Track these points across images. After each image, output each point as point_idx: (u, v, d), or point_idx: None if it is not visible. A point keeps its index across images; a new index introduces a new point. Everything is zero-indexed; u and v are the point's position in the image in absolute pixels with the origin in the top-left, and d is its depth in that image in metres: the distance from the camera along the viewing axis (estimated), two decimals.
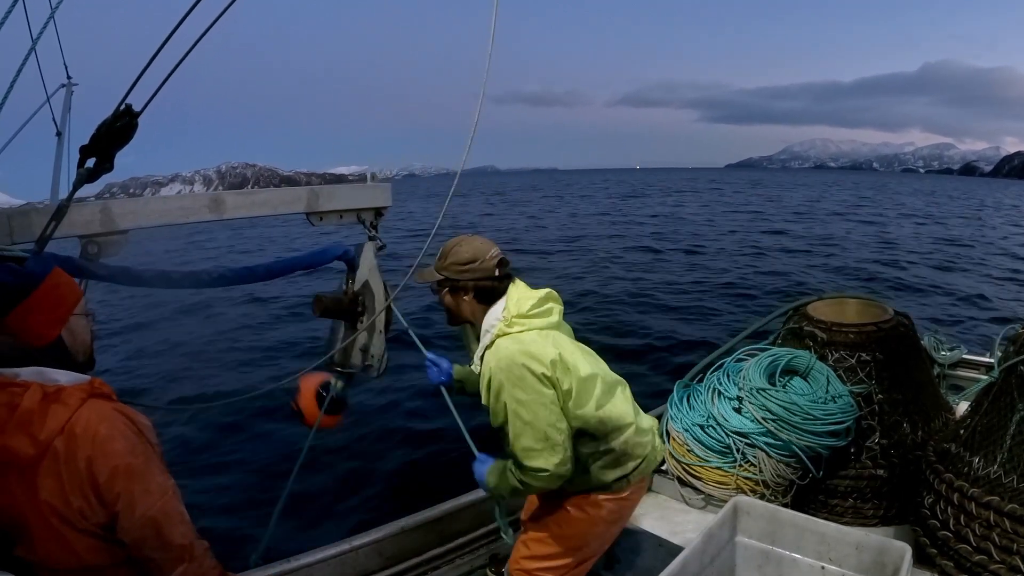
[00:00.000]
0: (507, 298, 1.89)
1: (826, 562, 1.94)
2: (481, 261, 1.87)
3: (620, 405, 1.95)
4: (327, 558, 2.38)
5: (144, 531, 1.29)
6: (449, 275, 1.89)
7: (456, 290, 1.91)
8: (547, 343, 1.82)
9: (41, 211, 1.62)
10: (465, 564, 2.68)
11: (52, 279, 1.34)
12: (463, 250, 1.89)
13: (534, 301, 1.88)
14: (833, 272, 14.22)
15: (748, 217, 29.25)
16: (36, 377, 1.29)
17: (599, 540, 2.08)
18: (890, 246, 18.86)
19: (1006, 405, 2.37)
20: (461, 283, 1.88)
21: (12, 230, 1.56)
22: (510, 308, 1.85)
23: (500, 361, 1.78)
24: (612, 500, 1.99)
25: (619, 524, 2.12)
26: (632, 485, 2.01)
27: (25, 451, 1.22)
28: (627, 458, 1.96)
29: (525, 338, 1.81)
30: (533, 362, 1.76)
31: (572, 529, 2.01)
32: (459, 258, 1.88)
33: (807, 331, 3.28)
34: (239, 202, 1.98)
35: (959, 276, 14.20)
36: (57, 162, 4.08)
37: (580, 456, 1.91)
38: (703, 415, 3.14)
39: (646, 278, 13.35)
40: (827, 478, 2.97)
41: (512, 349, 1.78)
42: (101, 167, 1.37)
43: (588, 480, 1.96)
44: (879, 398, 3.03)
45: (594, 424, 1.87)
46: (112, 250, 1.75)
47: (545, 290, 1.96)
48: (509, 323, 1.83)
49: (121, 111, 1.29)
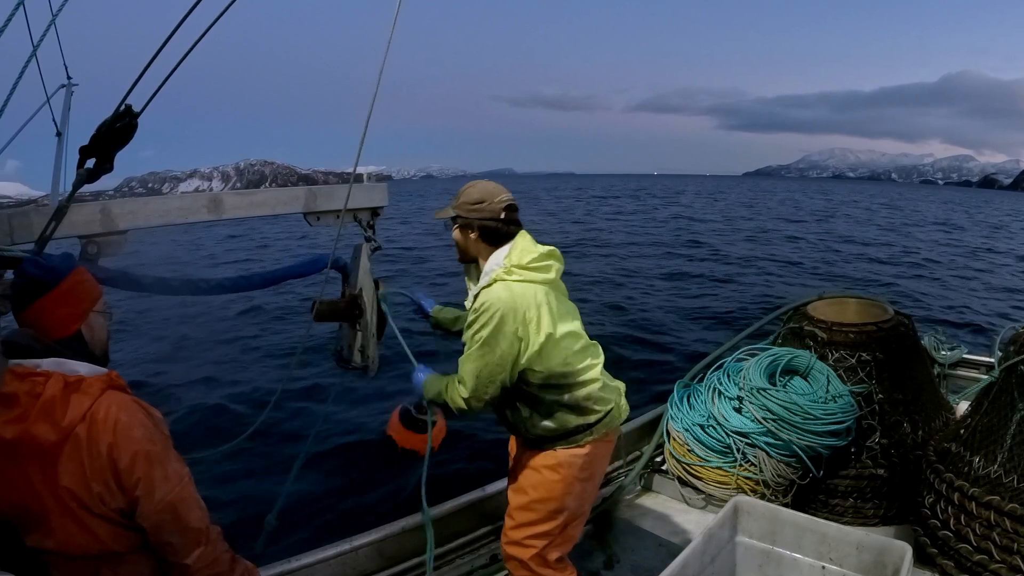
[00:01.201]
0: (512, 246, 2.01)
1: (827, 562, 1.94)
2: (489, 203, 2.01)
3: (589, 362, 2.08)
4: (327, 558, 2.38)
5: (162, 516, 1.34)
6: (459, 213, 2.03)
7: (465, 227, 2.04)
8: (533, 299, 1.93)
9: (41, 211, 1.61)
10: (465, 564, 2.68)
11: (76, 275, 1.41)
12: (474, 191, 2.04)
13: (535, 255, 1.99)
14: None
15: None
16: (57, 367, 1.33)
17: (577, 498, 2.14)
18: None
19: (1006, 405, 2.37)
20: (469, 221, 2.02)
21: (12, 230, 1.56)
22: (512, 257, 1.97)
23: (487, 301, 1.91)
24: (578, 456, 2.08)
25: (593, 480, 2.20)
26: (595, 437, 2.10)
27: (47, 438, 1.27)
28: (589, 410, 2.06)
29: (516, 288, 1.93)
30: (512, 315, 1.89)
31: (548, 492, 2.09)
32: (469, 198, 2.02)
33: (807, 331, 3.28)
34: (237, 202, 1.99)
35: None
36: (57, 162, 4.08)
37: (544, 403, 2.04)
38: (703, 415, 3.14)
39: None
40: (827, 478, 2.97)
41: (502, 295, 1.91)
42: (101, 167, 1.37)
43: (551, 427, 2.06)
44: (879, 398, 3.03)
45: (558, 375, 1.99)
46: (112, 250, 1.76)
47: (549, 247, 2.07)
48: (508, 270, 1.95)
49: (121, 111, 1.29)
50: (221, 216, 1.95)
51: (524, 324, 1.91)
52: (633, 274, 14.30)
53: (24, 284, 1.37)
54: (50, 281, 1.37)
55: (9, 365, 1.30)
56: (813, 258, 17.49)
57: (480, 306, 1.93)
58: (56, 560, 1.35)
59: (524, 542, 2.14)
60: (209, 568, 1.41)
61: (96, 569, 1.36)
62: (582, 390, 2.05)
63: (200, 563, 1.39)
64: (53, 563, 1.35)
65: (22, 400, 1.27)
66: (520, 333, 1.91)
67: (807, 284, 12.81)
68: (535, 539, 2.12)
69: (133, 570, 1.40)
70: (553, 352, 1.96)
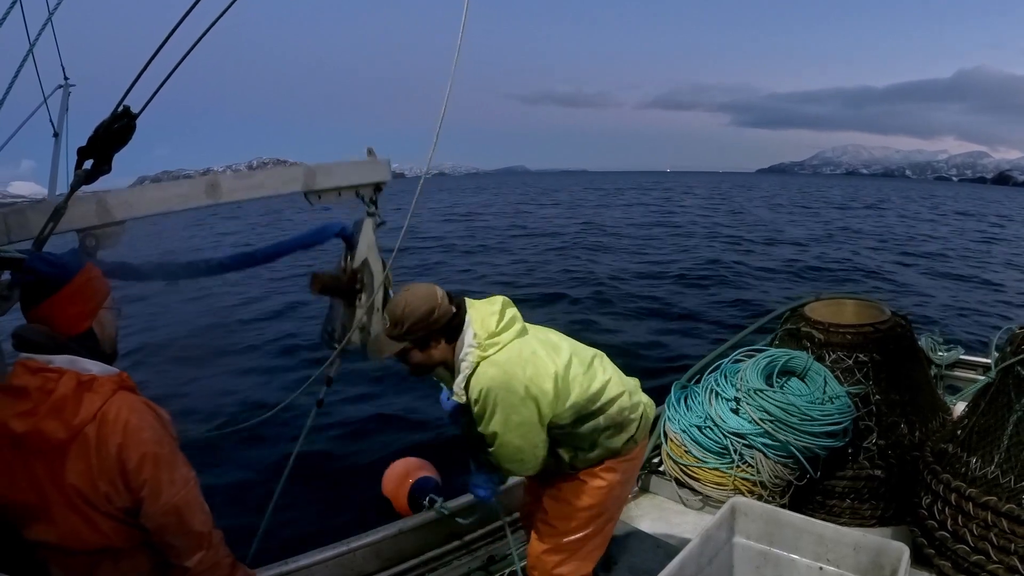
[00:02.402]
0: (471, 323, 1.89)
1: (824, 563, 1.94)
2: (438, 307, 1.86)
3: (602, 377, 2.01)
4: (325, 559, 2.37)
5: (167, 518, 1.35)
6: (414, 336, 1.86)
7: (426, 344, 1.89)
8: (522, 359, 1.86)
9: (37, 208, 1.60)
10: (463, 565, 2.68)
11: (86, 273, 1.42)
12: (417, 305, 1.85)
13: (496, 316, 1.90)
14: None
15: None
16: (69, 365, 1.35)
17: (617, 502, 2.16)
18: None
19: (1003, 405, 2.38)
20: (429, 337, 1.88)
21: (9, 228, 1.55)
22: (478, 333, 1.87)
23: (483, 388, 1.83)
24: (624, 462, 2.08)
25: (631, 483, 2.22)
26: (639, 443, 2.11)
27: (57, 435, 1.28)
28: (628, 421, 2.04)
29: (501, 359, 1.85)
30: (514, 383, 1.82)
31: (591, 499, 2.06)
32: (418, 315, 1.84)
33: (804, 332, 3.28)
34: (235, 185, 1.93)
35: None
36: (54, 163, 4.07)
37: (585, 434, 1.98)
38: (701, 416, 3.15)
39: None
40: (825, 479, 2.98)
41: (493, 374, 1.83)
42: (99, 168, 1.37)
43: (600, 454, 2.04)
44: (876, 399, 3.04)
45: (584, 406, 1.94)
46: (110, 242, 1.74)
47: (499, 300, 1.97)
48: (484, 348, 1.86)
49: (119, 113, 1.29)
50: (219, 200, 1.89)
51: (528, 384, 1.83)
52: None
53: (35, 282, 1.37)
54: (61, 278, 1.37)
55: (21, 359, 1.32)
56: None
57: (478, 396, 1.84)
58: (55, 555, 1.36)
59: (563, 546, 2.10)
60: (209, 572, 1.42)
61: (95, 565, 1.37)
62: (613, 407, 1.99)
63: (201, 567, 1.40)
64: (52, 558, 1.36)
65: (33, 395, 1.29)
66: (531, 393, 1.83)
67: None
68: (571, 544, 2.09)
69: (132, 565, 1.41)
70: (568, 386, 1.91)
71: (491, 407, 1.83)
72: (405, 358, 1.93)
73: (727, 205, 39.75)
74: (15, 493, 1.30)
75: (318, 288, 2.18)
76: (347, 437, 5.80)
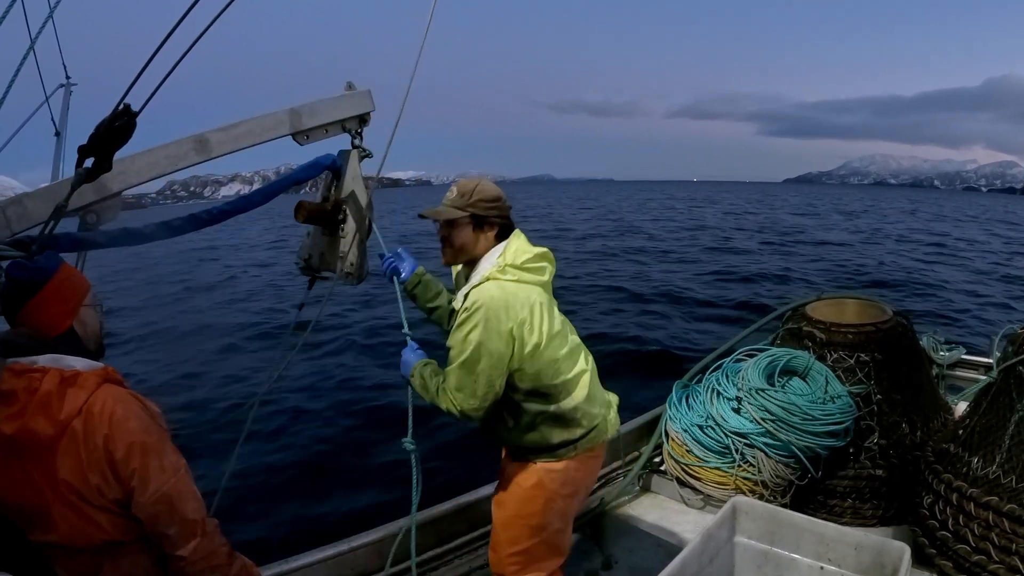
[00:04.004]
0: (506, 245, 1.95)
1: (825, 562, 1.94)
2: (503, 200, 1.98)
3: (578, 370, 2.00)
4: (326, 558, 2.37)
5: (158, 507, 1.36)
6: (476, 211, 1.93)
7: (481, 225, 1.95)
8: (527, 300, 1.87)
9: (34, 196, 1.60)
10: (464, 564, 2.68)
11: (61, 273, 1.42)
12: (488, 188, 1.97)
13: (530, 256, 1.93)
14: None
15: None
16: (53, 363, 1.36)
17: (560, 515, 2.07)
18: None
19: (1005, 405, 2.37)
20: (488, 219, 1.95)
21: (9, 220, 1.55)
22: (507, 255, 1.92)
23: (479, 300, 1.83)
24: (560, 471, 2.00)
25: (577, 497, 2.12)
26: (580, 453, 2.01)
27: (45, 432, 1.29)
28: (574, 423, 1.98)
29: (509, 287, 1.86)
30: (506, 314, 1.82)
31: (531, 507, 2.03)
32: (486, 195, 1.94)
33: (806, 331, 3.28)
34: (223, 138, 1.91)
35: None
36: (56, 162, 4.07)
37: (528, 413, 1.95)
38: (702, 415, 3.14)
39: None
40: (826, 478, 2.97)
41: (495, 294, 1.83)
42: (99, 167, 1.37)
43: (533, 439, 1.99)
44: (878, 398, 3.04)
45: (546, 384, 1.92)
46: (110, 215, 1.74)
47: (543, 248, 2.00)
48: (502, 269, 1.89)
49: (120, 111, 1.28)
50: (210, 155, 1.86)
51: (519, 324, 1.84)
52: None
53: (12, 288, 1.38)
54: (37, 281, 1.38)
55: (7, 363, 1.33)
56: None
57: (472, 304, 1.83)
58: (59, 555, 1.37)
59: (506, 560, 2.08)
60: (205, 560, 1.42)
61: (99, 563, 1.38)
62: (568, 400, 1.96)
63: (196, 555, 1.40)
64: (56, 558, 1.37)
65: (20, 396, 1.30)
66: (515, 332, 1.84)
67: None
68: (517, 555, 2.06)
69: (135, 562, 1.42)
70: (542, 356, 1.90)
71: (473, 319, 1.82)
72: (452, 232, 1.96)
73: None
74: (14, 495, 1.31)
75: (304, 216, 2.18)
76: (349, 437, 5.82)
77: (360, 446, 5.44)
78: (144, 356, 8.66)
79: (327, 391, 6.82)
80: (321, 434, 5.77)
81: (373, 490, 4.66)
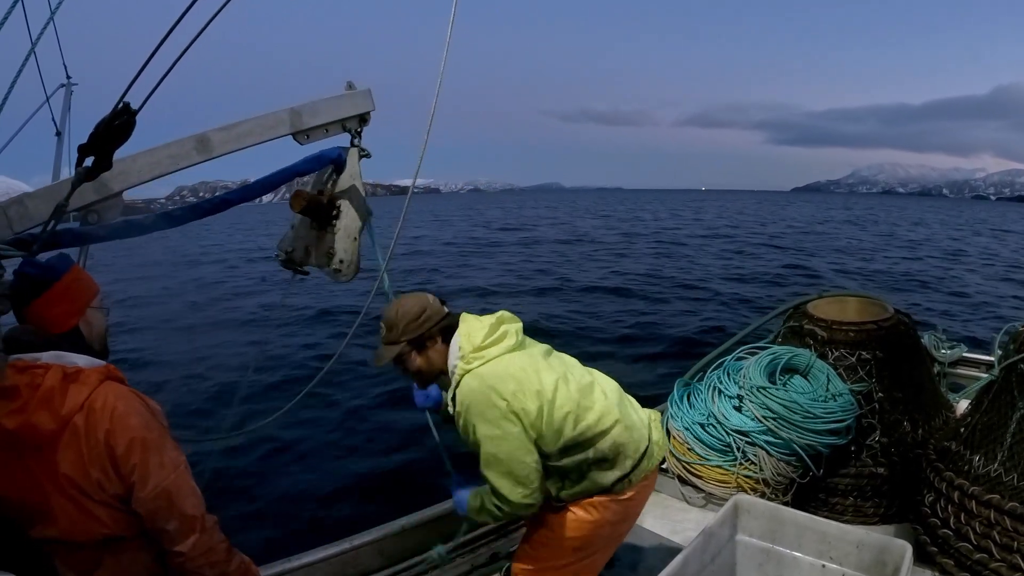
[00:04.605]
0: (458, 335, 1.89)
1: (827, 560, 1.94)
2: (429, 307, 1.90)
3: (599, 407, 1.91)
4: (328, 557, 2.38)
5: (157, 502, 1.37)
6: (410, 336, 1.88)
7: (423, 345, 1.90)
8: (506, 372, 1.81)
9: (35, 195, 1.61)
10: (465, 563, 2.68)
11: (71, 274, 1.46)
12: (409, 307, 1.89)
13: (485, 330, 1.87)
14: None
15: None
16: (56, 360, 1.38)
17: (604, 541, 2.03)
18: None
19: (1006, 403, 2.37)
20: (424, 335, 1.88)
21: (10, 220, 1.56)
22: (463, 345, 1.86)
23: (465, 399, 1.80)
24: (615, 502, 1.95)
25: (626, 524, 2.07)
26: (635, 485, 1.95)
27: (47, 427, 1.31)
28: (622, 457, 1.92)
29: (484, 372, 1.81)
30: (495, 396, 1.77)
31: (576, 532, 1.96)
32: (410, 315, 1.87)
33: (807, 329, 3.28)
34: (224, 137, 1.91)
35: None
36: (57, 162, 4.09)
37: (572, 466, 1.89)
38: (703, 413, 3.14)
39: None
40: (827, 476, 2.97)
41: (473, 386, 1.80)
42: (100, 166, 1.37)
43: (587, 487, 1.93)
44: (879, 396, 3.03)
45: (574, 435, 1.85)
46: (111, 214, 1.75)
47: (496, 314, 1.95)
48: (467, 360, 1.84)
49: (119, 109, 1.28)
50: (212, 154, 1.87)
51: (512, 397, 1.78)
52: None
53: (23, 285, 1.42)
54: (47, 280, 1.42)
55: (10, 360, 1.35)
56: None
57: (461, 407, 1.81)
58: (60, 550, 1.38)
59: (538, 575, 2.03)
60: (204, 556, 1.43)
61: (99, 558, 1.39)
62: (605, 440, 1.88)
63: (195, 551, 1.41)
64: (57, 554, 1.38)
65: (23, 392, 1.31)
66: (514, 407, 1.77)
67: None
68: (550, 573, 2.01)
69: (135, 558, 1.43)
70: (554, 412, 1.82)
71: (471, 420, 1.79)
72: (405, 364, 1.93)
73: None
74: (15, 491, 1.32)
75: (300, 205, 2.17)
76: (348, 437, 5.82)
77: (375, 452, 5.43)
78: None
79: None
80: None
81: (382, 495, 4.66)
